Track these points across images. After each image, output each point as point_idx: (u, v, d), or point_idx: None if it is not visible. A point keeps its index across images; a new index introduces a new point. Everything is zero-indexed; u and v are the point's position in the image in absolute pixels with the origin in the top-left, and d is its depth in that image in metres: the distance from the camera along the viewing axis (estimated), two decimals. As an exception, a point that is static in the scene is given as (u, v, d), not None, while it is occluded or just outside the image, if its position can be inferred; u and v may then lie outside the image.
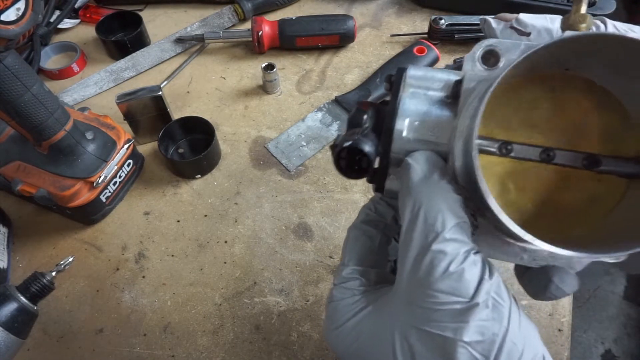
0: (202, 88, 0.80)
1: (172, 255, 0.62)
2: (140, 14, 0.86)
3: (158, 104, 0.68)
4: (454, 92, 0.29)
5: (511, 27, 0.35)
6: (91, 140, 0.61)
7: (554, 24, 0.34)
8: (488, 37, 0.36)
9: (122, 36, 0.85)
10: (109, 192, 0.64)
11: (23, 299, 0.52)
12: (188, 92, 0.79)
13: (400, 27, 0.86)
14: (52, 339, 0.57)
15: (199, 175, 0.69)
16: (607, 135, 0.29)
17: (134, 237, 0.64)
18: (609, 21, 0.34)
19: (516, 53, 0.28)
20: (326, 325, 0.33)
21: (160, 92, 0.67)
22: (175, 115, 0.72)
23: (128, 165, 0.66)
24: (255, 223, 0.64)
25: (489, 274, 0.26)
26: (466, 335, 0.25)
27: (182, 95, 0.79)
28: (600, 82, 0.29)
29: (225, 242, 0.63)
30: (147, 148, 0.73)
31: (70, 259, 0.61)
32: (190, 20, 0.89)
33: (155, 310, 0.58)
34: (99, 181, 0.60)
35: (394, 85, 0.31)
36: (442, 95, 0.30)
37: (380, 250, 0.35)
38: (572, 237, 0.30)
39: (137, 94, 0.66)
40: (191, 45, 0.85)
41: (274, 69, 0.74)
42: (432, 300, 0.26)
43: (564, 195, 0.31)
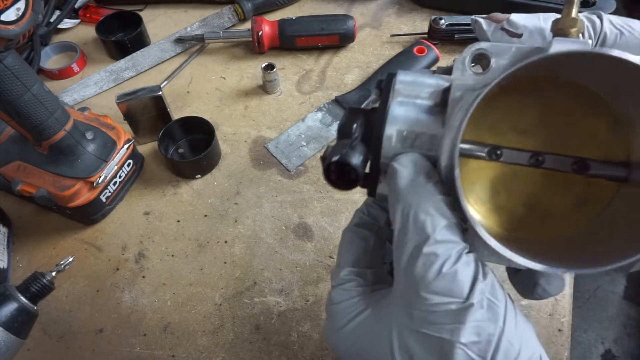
0: (202, 88, 0.80)
1: (172, 255, 0.62)
2: (140, 14, 0.86)
3: (158, 104, 0.68)
4: (442, 100, 0.29)
5: (502, 28, 0.34)
6: (91, 140, 0.61)
7: (547, 23, 0.33)
8: (479, 38, 0.36)
9: (122, 36, 0.85)
10: (109, 192, 0.64)
11: (23, 299, 0.52)
12: (188, 92, 0.79)
13: (400, 27, 0.86)
14: (52, 339, 0.57)
15: (199, 175, 0.69)
16: (597, 139, 0.29)
17: (134, 237, 0.64)
18: (605, 16, 0.34)
19: (506, 57, 0.28)
20: (326, 328, 0.33)
21: (160, 92, 0.67)
22: (175, 115, 0.72)
23: (128, 165, 0.66)
24: (255, 223, 0.64)
25: (482, 274, 0.26)
26: (463, 336, 0.25)
27: (182, 95, 0.79)
28: (589, 84, 0.28)
29: (225, 242, 0.63)
30: (147, 148, 0.73)
31: (70, 259, 0.61)
32: (190, 20, 0.89)
33: (155, 310, 0.58)
34: (99, 181, 0.60)
35: (383, 91, 0.31)
36: (431, 103, 0.30)
37: (375, 252, 0.35)
38: (561, 239, 0.30)
39: (137, 94, 0.66)
40: (191, 45, 0.85)
41: (274, 69, 0.74)
42: (427, 302, 0.26)
43: (554, 198, 0.31)
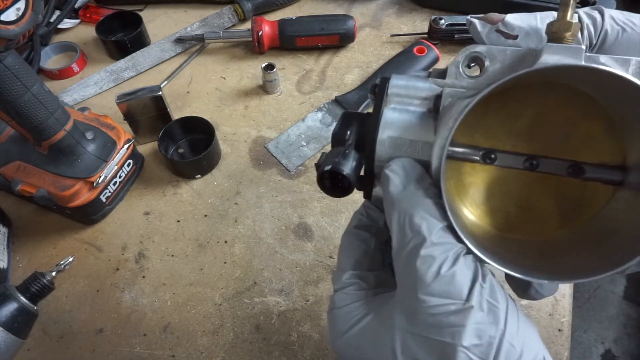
0: (202, 88, 0.80)
1: (172, 255, 0.62)
2: (140, 14, 0.86)
3: (158, 104, 0.68)
4: (435, 106, 0.29)
5: (497, 30, 0.34)
6: (91, 140, 0.61)
7: (544, 23, 0.33)
8: (474, 39, 0.35)
9: (122, 36, 0.85)
10: (109, 192, 0.64)
11: (23, 299, 0.52)
12: (188, 92, 0.79)
13: (400, 27, 0.86)
14: (52, 339, 0.57)
15: (199, 175, 0.69)
16: (592, 142, 0.29)
17: (134, 237, 0.64)
18: (606, 11, 0.33)
19: (501, 60, 0.27)
20: (330, 333, 0.33)
21: (160, 92, 0.67)
22: (175, 115, 0.72)
23: (128, 165, 0.66)
24: (255, 223, 0.64)
25: (482, 276, 0.26)
26: (464, 339, 0.25)
27: (182, 95, 0.79)
28: (583, 88, 0.28)
29: (225, 242, 0.63)
30: (147, 148, 0.73)
31: (70, 259, 0.61)
32: (190, 20, 0.89)
33: (155, 310, 0.58)
34: (99, 181, 0.60)
35: (377, 96, 0.31)
36: (423, 109, 0.30)
37: (375, 254, 0.35)
38: (556, 240, 0.30)
39: (137, 94, 0.66)
40: (191, 45, 0.85)
41: (274, 69, 0.74)
42: (427, 304, 0.26)
43: (549, 201, 0.31)
